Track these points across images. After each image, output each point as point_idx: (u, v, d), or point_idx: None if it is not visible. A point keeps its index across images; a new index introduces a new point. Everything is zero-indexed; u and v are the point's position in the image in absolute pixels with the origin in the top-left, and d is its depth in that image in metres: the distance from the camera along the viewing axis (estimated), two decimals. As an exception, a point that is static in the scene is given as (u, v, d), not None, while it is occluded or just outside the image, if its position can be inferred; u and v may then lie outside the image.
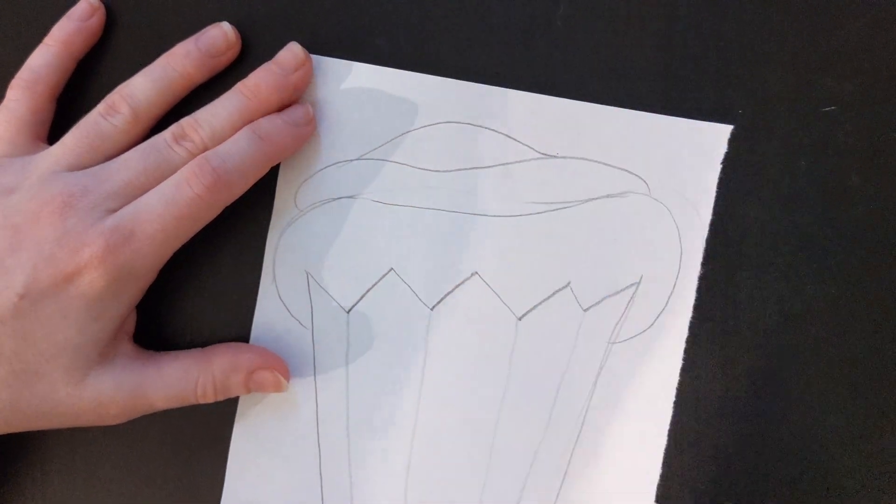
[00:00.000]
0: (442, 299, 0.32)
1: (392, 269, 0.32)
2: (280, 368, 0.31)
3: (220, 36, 0.31)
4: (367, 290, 0.32)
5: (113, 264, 0.27)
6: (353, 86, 0.31)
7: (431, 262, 0.32)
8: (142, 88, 0.30)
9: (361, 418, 0.32)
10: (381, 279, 0.32)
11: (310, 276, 0.32)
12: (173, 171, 0.29)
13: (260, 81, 0.30)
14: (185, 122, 0.30)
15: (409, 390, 0.32)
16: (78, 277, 0.27)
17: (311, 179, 0.32)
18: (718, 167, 0.31)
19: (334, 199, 0.32)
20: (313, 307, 0.32)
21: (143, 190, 0.29)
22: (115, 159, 0.29)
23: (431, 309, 0.32)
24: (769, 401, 0.32)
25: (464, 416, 0.32)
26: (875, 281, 0.32)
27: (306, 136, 0.31)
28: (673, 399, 0.32)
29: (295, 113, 0.31)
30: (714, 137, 0.31)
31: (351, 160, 0.32)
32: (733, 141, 0.32)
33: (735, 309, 0.32)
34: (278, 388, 0.31)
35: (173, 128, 0.30)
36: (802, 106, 0.32)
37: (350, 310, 0.32)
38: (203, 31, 0.31)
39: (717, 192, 0.32)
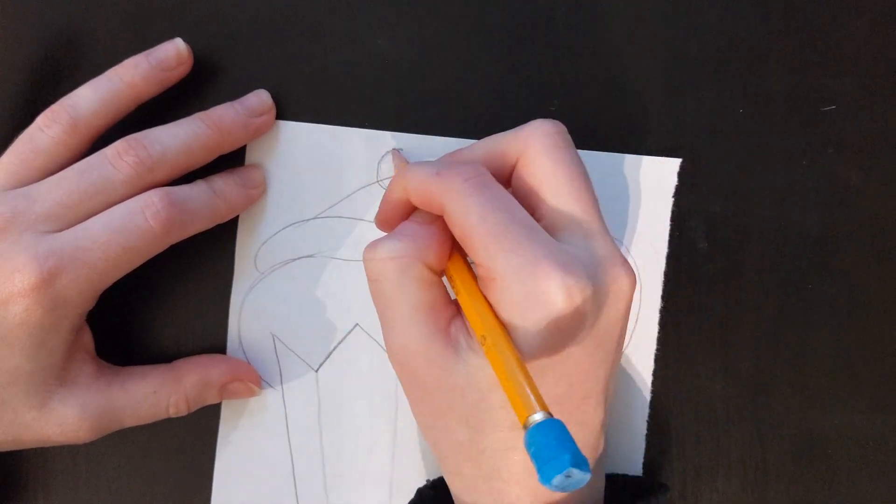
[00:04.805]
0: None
1: (357, 324, 0.32)
2: (251, 377, 0.31)
3: (171, 50, 0.30)
4: (334, 348, 0.32)
5: (48, 292, 0.26)
6: (306, 146, 0.32)
7: (396, 314, 0.32)
8: (84, 98, 0.28)
9: (338, 476, 0.32)
10: (346, 335, 0.32)
11: (276, 339, 0.32)
12: (113, 190, 0.27)
13: (224, 116, 0.29)
14: (133, 136, 0.28)
15: (384, 444, 0.32)
16: (11, 304, 0.26)
17: (270, 241, 0.32)
18: (671, 200, 0.32)
19: (294, 260, 0.32)
20: (282, 369, 0.32)
21: (82, 211, 0.27)
22: (49, 178, 0.27)
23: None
24: (769, 401, 0.32)
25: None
26: (875, 281, 0.32)
27: (256, 199, 0.31)
28: (645, 432, 0.32)
29: (249, 175, 0.31)
30: (664, 171, 0.32)
31: (308, 220, 0.32)
32: (733, 139, 0.32)
33: (735, 309, 0.32)
34: (251, 395, 0.32)
35: (118, 143, 0.28)
36: (802, 105, 0.32)
37: (318, 368, 0.32)
38: (156, 47, 0.30)
39: (717, 191, 0.32)
